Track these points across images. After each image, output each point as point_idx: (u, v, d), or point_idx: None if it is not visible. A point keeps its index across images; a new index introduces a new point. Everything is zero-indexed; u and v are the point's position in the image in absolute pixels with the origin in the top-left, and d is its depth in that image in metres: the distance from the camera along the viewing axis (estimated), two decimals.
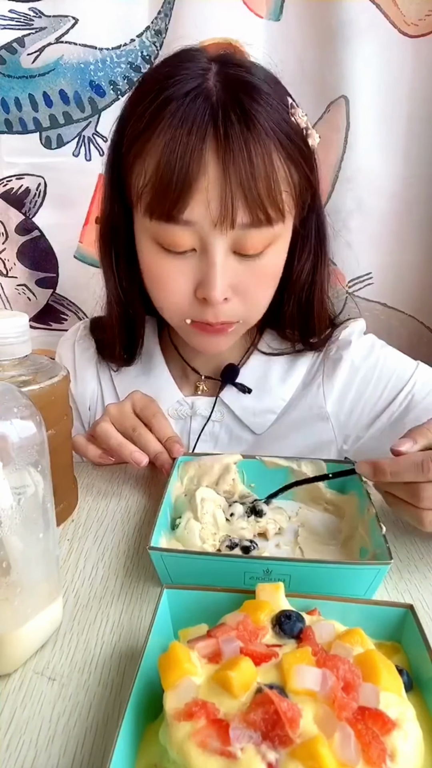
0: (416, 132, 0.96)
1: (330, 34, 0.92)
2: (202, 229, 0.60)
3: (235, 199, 0.57)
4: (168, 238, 0.61)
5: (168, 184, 0.57)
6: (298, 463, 0.59)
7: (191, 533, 0.51)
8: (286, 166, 0.60)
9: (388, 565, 0.43)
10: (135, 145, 0.61)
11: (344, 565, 0.45)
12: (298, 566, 0.45)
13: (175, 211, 0.58)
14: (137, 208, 0.63)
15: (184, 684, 0.30)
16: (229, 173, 0.57)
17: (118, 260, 0.71)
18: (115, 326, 0.75)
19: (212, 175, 0.57)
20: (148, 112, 0.59)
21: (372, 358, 0.75)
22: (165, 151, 0.57)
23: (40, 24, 0.95)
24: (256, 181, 0.57)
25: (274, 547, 0.53)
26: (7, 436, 0.37)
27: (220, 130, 0.56)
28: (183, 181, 0.57)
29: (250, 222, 0.59)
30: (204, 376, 0.79)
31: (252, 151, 0.57)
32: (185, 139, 0.56)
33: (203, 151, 0.57)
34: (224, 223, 0.58)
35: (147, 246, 0.64)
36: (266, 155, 0.58)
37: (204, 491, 0.54)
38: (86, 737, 0.35)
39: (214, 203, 0.58)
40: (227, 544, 0.51)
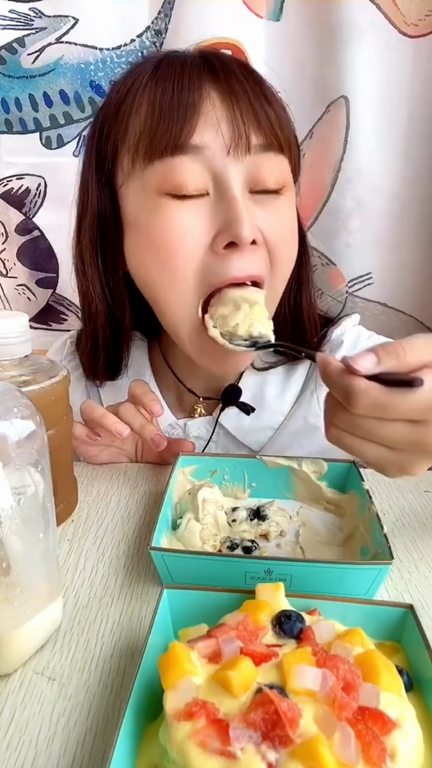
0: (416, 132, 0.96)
1: (330, 34, 0.92)
2: (214, 159, 0.55)
3: (246, 118, 0.53)
4: (176, 177, 0.55)
5: (170, 113, 0.53)
6: (299, 463, 0.59)
7: (191, 534, 0.51)
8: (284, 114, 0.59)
9: (389, 565, 0.43)
10: (122, 104, 0.57)
11: (345, 565, 0.45)
12: (299, 566, 0.45)
13: (183, 137, 0.53)
14: (135, 169, 0.57)
15: (184, 684, 0.30)
16: (236, 95, 0.53)
17: (105, 257, 0.65)
18: (100, 334, 0.69)
19: (216, 99, 0.54)
20: (130, 75, 0.57)
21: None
22: (158, 89, 0.54)
23: (40, 24, 0.95)
24: (265, 103, 0.54)
25: (275, 547, 0.53)
26: (7, 436, 0.37)
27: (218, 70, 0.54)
28: (185, 106, 0.53)
29: (264, 143, 0.55)
30: (202, 398, 0.76)
31: (253, 81, 0.55)
32: (179, 69, 0.54)
33: (201, 83, 0.54)
34: (239, 146, 0.53)
35: (151, 208, 0.57)
36: (269, 88, 0.56)
37: (206, 491, 0.54)
38: (86, 737, 0.35)
39: (224, 124, 0.53)
40: (228, 544, 0.51)
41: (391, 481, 0.65)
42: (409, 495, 0.63)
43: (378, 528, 0.47)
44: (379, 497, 0.62)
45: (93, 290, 0.67)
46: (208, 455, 0.64)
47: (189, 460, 0.60)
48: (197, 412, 0.75)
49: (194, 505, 0.53)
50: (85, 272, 0.67)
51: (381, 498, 0.62)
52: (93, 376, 0.74)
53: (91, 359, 0.72)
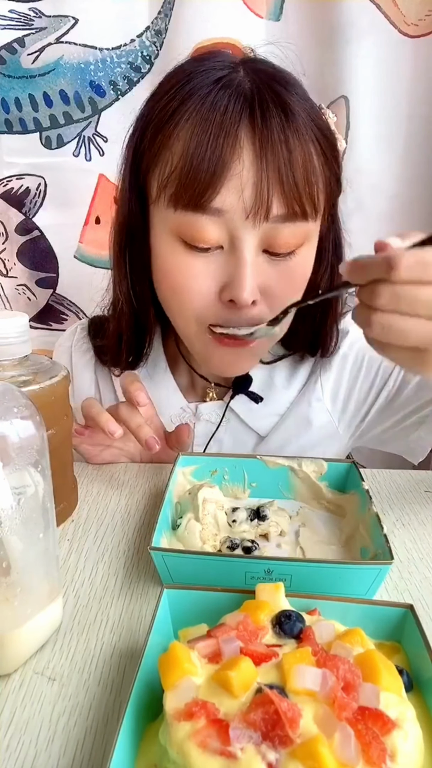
0: (416, 132, 0.96)
1: (330, 34, 0.92)
2: (232, 221, 0.55)
3: (271, 187, 0.53)
4: (193, 231, 0.57)
5: (198, 168, 0.53)
6: (299, 462, 0.59)
7: (191, 534, 0.51)
8: (321, 161, 0.57)
9: (389, 565, 0.43)
10: (160, 132, 0.57)
11: (345, 565, 0.45)
12: (299, 566, 0.45)
13: (205, 198, 0.54)
14: (159, 202, 0.59)
15: (184, 684, 0.30)
16: (266, 159, 0.53)
17: (133, 262, 0.67)
18: (125, 331, 0.71)
19: (247, 159, 0.53)
20: (175, 98, 0.56)
21: (360, 343, 0.73)
22: (195, 133, 0.53)
23: (40, 24, 0.95)
24: (294, 170, 0.54)
25: (276, 548, 0.53)
26: (7, 436, 0.37)
27: (256, 114, 0.53)
28: (215, 164, 0.53)
29: (285, 214, 0.55)
30: (213, 383, 0.78)
31: (290, 138, 0.54)
32: (218, 120, 0.53)
33: (238, 135, 0.53)
34: (258, 213, 0.54)
35: (167, 244, 0.60)
36: (304, 145, 0.54)
37: (206, 491, 0.54)
38: (86, 737, 0.35)
39: (248, 190, 0.54)
40: (228, 544, 0.51)
41: (391, 481, 0.65)
42: (409, 495, 0.63)
43: (378, 528, 0.47)
44: (379, 497, 0.62)
45: (120, 291, 0.69)
46: (208, 455, 0.64)
47: (189, 460, 0.60)
48: (209, 397, 0.78)
49: (194, 505, 0.53)
50: (116, 271, 0.69)
51: (381, 498, 0.62)
52: (114, 366, 0.77)
53: (115, 352, 0.74)
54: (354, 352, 0.74)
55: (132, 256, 0.67)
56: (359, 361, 0.74)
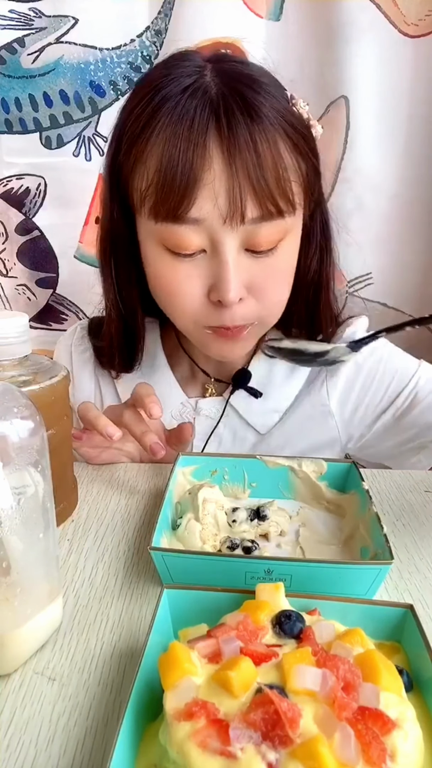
0: (416, 132, 0.96)
1: (330, 34, 0.92)
2: (211, 227, 0.57)
3: (243, 192, 0.55)
4: (175, 239, 0.59)
5: (172, 182, 0.55)
6: (299, 462, 0.59)
7: (191, 534, 0.51)
8: (293, 156, 0.58)
9: (389, 565, 0.43)
10: (134, 147, 0.59)
11: (345, 565, 0.45)
12: (299, 566, 0.45)
13: (181, 210, 0.56)
14: (141, 212, 0.61)
15: (184, 684, 0.30)
16: (236, 165, 0.54)
17: (118, 270, 0.69)
18: (115, 337, 0.73)
19: (217, 168, 0.55)
20: (145, 112, 0.57)
21: (375, 356, 0.75)
22: (166, 148, 0.55)
23: (40, 24, 0.95)
24: (264, 172, 0.55)
25: (275, 548, 0.53)
26: (7, 436, 0.37)
27: (222, 122, 0.54)
28: (187, 177, 0.55)
29: (260, 215, 0.57)
30: (213, 379, 0.79)
31: (258, 140, 0.55)
32: (186, 133, 0.54)
33: (206, 145, 0.55)
34: (234, 218, 0.56)
35: (153, 251, 0.62)
36: (273, 145, 0.56)
37: (206, 491, 0.54)
38: (86, 737, 0.35)
39: (221, 198, 0.55)
40: (228, 545, 0.51)
41: (391, 481, 0.65)
42: (409, 495, 0.63)
43: (378, 528, 0.47)
44: (379, 497, 0.62)
45: (108, 298, 0.72)
46: (208, 455, 0.64)
47: (189, 460, 0.60)
48: (208, 392, 0.78)
49: (194, 505, 0.53)
50: (103, 279, 0.72)
51: (381, 498, 0.62)
52: (110, 369, 0.79)
53: (108, 356, 0.76)
54: (369, 363, 0.74)
55: (117, 263, 0.69)
56: (373, 372, 0.74)
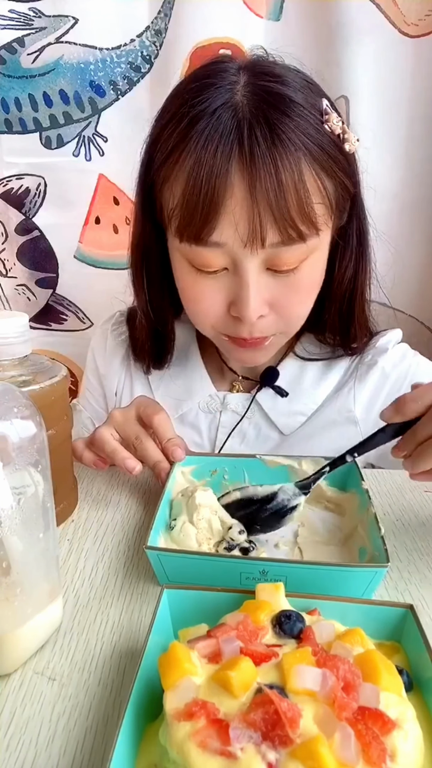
0: (416, 132, 0.96)
1: (330, 34, 0.92)
2: (232, 250, 0.59)
3: (263, 219, 0.56)
4: (199, 259, 0.61)
5: (195, 208, 0.57)
6: (299, 462, 0.59)
7: (186, 536, 0.51)
8: (318, 178, 0.58)
9: (385, 568, 0.43)
10: (163, 167, 0.60)
11: (341, 568, 0.45)
12: (295, 568, 0.44)
13: (204, 234, 0.58)
14: (169, 229, 0.63)
15: (184, 684, 0.30)
16: (256, 193, 0.55)
17: (150, 281, 0.72)
18: (146, 341, 0.76)
19: (239, 195, 0.56)
20: (175, 132, 0.58)
21: (403, 366, 0.75)
22: (191, 174, 0.57)
23: (40, 24, 0.95)
24: (285, 199, 0.56)
25: (273, 547, 0.53)
26: (7, 436, 0.37)
27: (245, 150, 0.55)
28: (209, 203, 0.56)
29: (280, 241, 0.58)
30: (241, 376, 0.80)
31: (279, 168, 0.55)
32: (211, 161, 0.56)
33: (229, 172, 0.55)
34: (254, 243, 0.57)
35: (180, 265, 0.64)
36: (295, 170, 0.56)
37: (201, 496, 0.54)
38: (86, 737, 0.35)
39: (242, 224, 0.57)
40: (226, 545, 0.51)
41: (391, 481, 0.65)
42: (409, 495, 0.63)
43: (376, 529, 0.47)
44: (379, 497, 0.62)
45: (139, 306, 0.74)
46: (209, 455, 0.64)
47: (189, 460, 0.60)
48: (236, 389, 0.80)
49: (189, 508, 0.53)
50: (134, 289, 0.74)
51: (381, 498, 0.62)
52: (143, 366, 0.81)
53: (139, 356, 0.80)
54: (396, 373, 0.75)
55: (149, 275, 0.71)
56: (400, 381, 0.75)
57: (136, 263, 0.72)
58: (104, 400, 0.85)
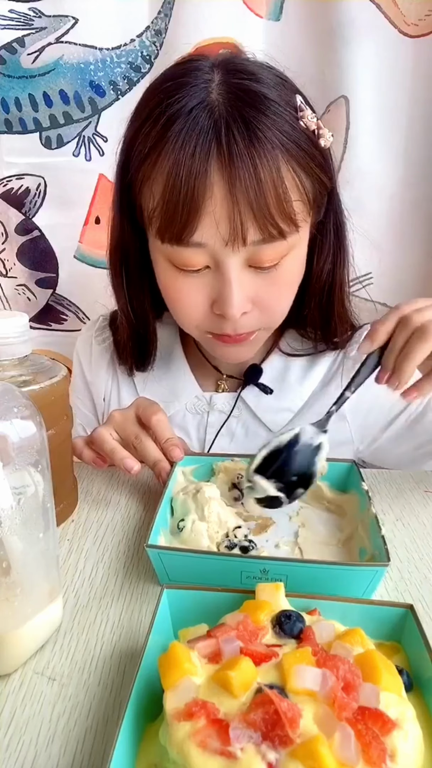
0: (416, 132, 0.96)
1: (330, 34, 0.92)
2: (213, 249, 0.59)
3: (244, 218, 0.56)
4: (180, 259, 0.61)
5: (175, 209, 0.57)
6: None
7: (198, 534, 0.51)
8: (295, 175, 0.58)
9: (385, 567, 0.43)
10: (142, 168, 0.60)
11: (341, 567, 0.45)
12: (295, 566, 0.44)
13: (185, 235, 0.58)
14: (149, 230, 0.63)
15: (184, 684, 0.30)
16: (236, 192, 0.55)
17: (130, 281, 0.71)
18: (127, 342, 0.76)
19: (218, 195, 0.56)
20: (152, 132, 0.58)
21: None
22: (170, 174, 0.56)
23: (40, 24, 0.95)
24: (264, 197, 0.56)
25: (274, 547, 0.53)
26: (7, 436, 0.37)
27: (223, 149, 0.55)
28: (189, 204, 0.56)
29: (261, 239, 0.58)
30: (226, 375, 0.80)
31: (258, 166, 0.55)
32: (189, 161, 0.55)
33: (208, 173, 0.55)
34: (235, 242, 0.57)
35: (161, 265, 0.64)
36: (273, 168, 0.56)
37: (210, 490, 0.54)
38: (86, 737, 0.35)
39: (222, 224, 0.56)
40: (226, 544, 0.51)
41: (391, 481, 0.66)
42: (409, 495, 0.63)
43: (376, 529, 0.47)
44: (379, 497, 0.62)
45: (119, 307, 0.74)
46: (209, 455, 0.64)
47: (190, 460, 0.60)
48: (221, 388, 0.80)
49: (199, 503, 0.53)
50: (114, 290, 0.73)
51: (381, 498, 0.62)
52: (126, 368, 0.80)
53: (122, 358, 0.79)
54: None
55: (129, 274, 0.71)
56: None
57: (115, 264, 0.71)
58: (92, 404, 0.85)
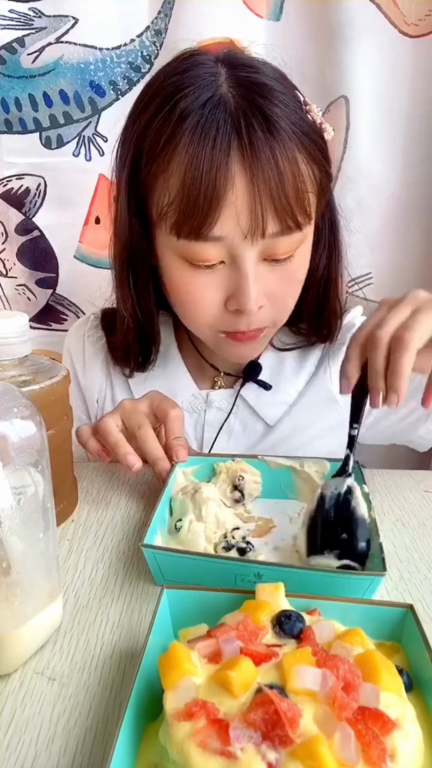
0: (416, 132, 0.96)
1: (330, 34, 0.92)
2: (231, 243, 0.58)
3: (265, 210, 0.56)
4: (195, 254, 0.60)
5: (195, 202, 0.56)
6: (301, 463, 0.59)
7: (195, 535, 0.51)
8: (309, 166, 0.59)
9: (381, 577, 0.43)
10: (154, 163, 0.59)
11: (337, 574, 0.44)
12: (290, 572, 0.44)
13: (204, 228, 0.57)
14: (160, 227, 0.61)
15: (184, 684, 0.30)
16: (258, 184, 0.55)
17: (137, 282, 0.70)
18: (132, 344, 0.74)
19: (239, 187, 0.55)
20: (165, 127, 0.57)
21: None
22: (189, 167, 0.55)
23: (40, 24, 0.95)
24: (285, 188, 0.56)
25: (273, 550, 0.53)
26: (7, 436, 0.37)
27: (244, 140, 0.54)
28: (211, 197, 0.55)
29: (279, 230, 0.58)
30: (223, 372, 0.80)
31: (278, 157, 0.55)
32: (209, 153, 0.55)
33: (229, 164, 0.55)
34: (255, 234, 0.57)
35: (173, 263, 0.63)
36: (292, 159, 0.56)
37: (208, 490, 0.54)
38: (86, 737, 0.35)
39: (243, 216, 0.56)
40: (223, 545, 0.51)
41: (391, 481, 0.66)
42: (409, 495, 0.63)
43: (375, 536, 0.47)
44: (379, 497, 0.62)
45: (125, 308, 0.71)
46: (211, 455, 0.64)
47: (191, 461, 0.60)
48: (218, 385, 0.80)
49: (196, 503, 0.53)
50: (119, 289, 0.71)
51: (381, 498, 0.62)
52: (125, 369, 0.79)
53: (123, 359, 0.78)
54: None
55: (136, 275, 0.69)
56: None
57: (122, 265, 0.69)
58: (85, 406, 0.84)
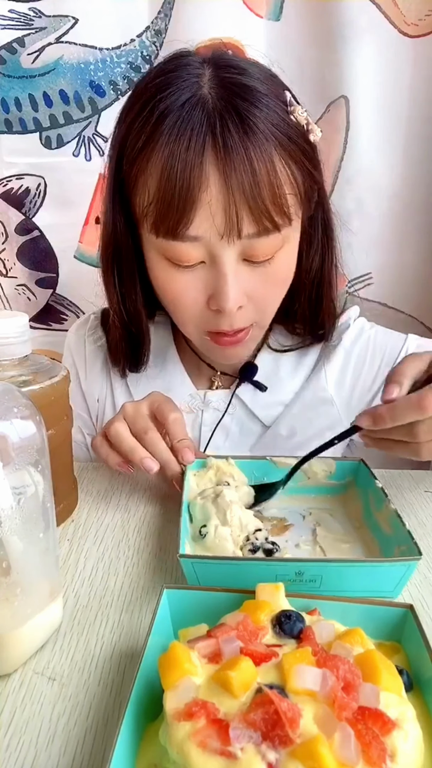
0: (416, 132, 0.96)
1: (330, 34, 0.92)
2: (209, 243, 0.59)
3: (239, 211, 0.56)
4: (175, 253, 0.60)
5: (170, 202, 0.56)
6: (308, 463, 0.59)
7: (223, 540, 0.50)
8: (288, 168, 0.59)
9: (417, 561, 0.44)
10: (135, 162, 0.60)
11: (375, 563, 0.46)
12: (330, 566, 0.45)
13: (180, 228, 0.57)
14: (143, 227, 0.62)
15: (184, 684, 0.30)
16: (232, 185, 0.55)
17: (122, 279, 0.70)
18: (119, 343, 0.75)
19: (214, 188, 0.56)
20: (145, 128, 0.58)
21: (362, 339, 0.78)
22: (165, 168, 0.56)
23: (40, 24, 0.95)
24: (259, 190, 0.56)
25: (295, 548, 0.53)
26: (7, 436, 0.37)
27: (218, 141, 0.55)
28: (185, 198, 0.56)
29: (256, 231, 0.58)
30: (220, 373, 0.80)
31: (253, 158, 0.55)
32: (184, 154, 0.55)
33: (203, 165, 0.55)
34: (231, 235, 0.57)
35: (156, 262, 0.64)
36: (267, 161, 0.56)
37: (229, 493, 0.54)
38: (86, 737, 0.35)
39: (218, 216, 0.56)
40: (249, 547, 0.50)
41: (391, 481, 0.66)
42: (409, 495, 0.63)
43: (400, 524, 0.48)
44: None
45: (111, 307, 0.73)
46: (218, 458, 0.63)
47: (200, 463, 0.60)
48: (215, 385, 0.80)
49: (220, 507, 0.52)
50: (105, 287, 0.72)
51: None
52: (119, 370, 0.79)
53: (114, 359, 0.79)
54: (358, 348, 0.77)
55: (121, 273, 0.70)
56: (363, 354, 0.77)
57: (107, 263, 0.70)
58: (86, 405, 0.84)
